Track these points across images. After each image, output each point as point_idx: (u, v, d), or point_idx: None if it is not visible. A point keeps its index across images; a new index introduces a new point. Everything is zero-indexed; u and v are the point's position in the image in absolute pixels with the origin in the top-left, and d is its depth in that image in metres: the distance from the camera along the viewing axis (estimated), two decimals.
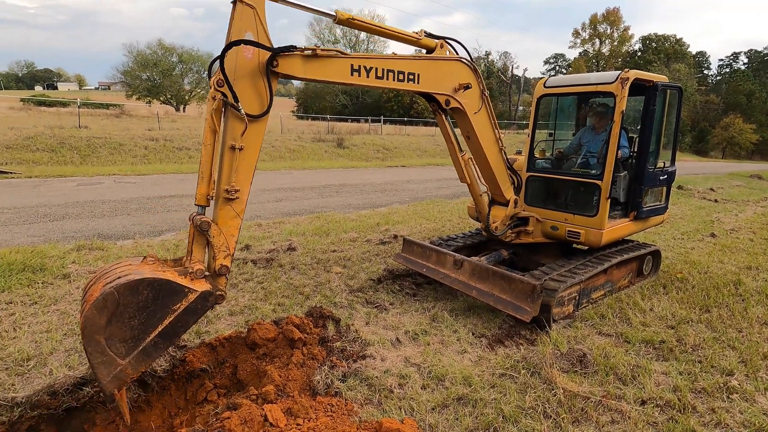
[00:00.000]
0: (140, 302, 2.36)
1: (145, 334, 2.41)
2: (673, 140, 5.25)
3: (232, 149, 2.69)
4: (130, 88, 43.82)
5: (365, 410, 2.79)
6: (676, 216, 9.84)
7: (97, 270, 2.67)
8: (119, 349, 2.34)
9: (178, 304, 2.49)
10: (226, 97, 2.61)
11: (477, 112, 4.19)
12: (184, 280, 2.55)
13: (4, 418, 2.71)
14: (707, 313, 4.38)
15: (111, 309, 2.28)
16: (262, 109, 2.78)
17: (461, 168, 4.49)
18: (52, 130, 16.69)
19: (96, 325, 2.25)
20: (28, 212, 7.69)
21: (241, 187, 2.75)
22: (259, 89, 2.77)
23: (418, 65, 3.65)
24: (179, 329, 2.54)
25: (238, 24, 2.62)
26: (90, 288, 2.45)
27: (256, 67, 2.72)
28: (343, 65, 3.15)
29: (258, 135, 2.81)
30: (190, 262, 2.68)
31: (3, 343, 3.45)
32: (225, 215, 2.74)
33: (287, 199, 10.24)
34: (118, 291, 2.28)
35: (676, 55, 57.85)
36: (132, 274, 2.39)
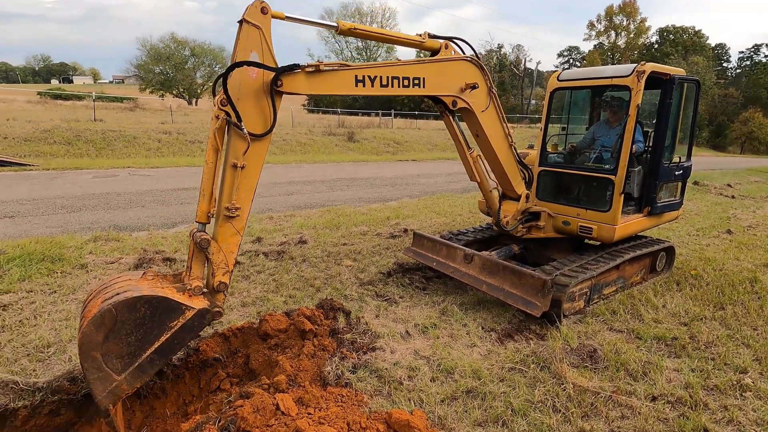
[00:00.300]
0: (138, 319, 2.38)
1: (142, 351, 2.43)
2: (690, 135, 5.16)
3: (234, 167, 2.70)
4: (143, 82, 44.30)
5: (375, 401, 2.82)
6: (692, 212, 9.68)
7: (97, 284, 2.68)
8: (115, 365, 2.36)
9: (175, 321, 2.51)
10: (229, 116, 2.63)
11: (485, 110, 4.15)
12: (181, 297, 2.57)
13: (26, 402, 2.81)
14: (721, 311, 4.32)
15: (108, 326, 2.29)
16: (266, 128, 2.78)
17: (470, 166, 4.46)
18: (68, 123, 16.99)
19: (93, 341, 2.27)
20: (46, 204, 7.87)
21: (241, 204, 2.77)
22: (263, 108, 2.77)
23: (423, 69, 3.61)
24: (175, 346, 2.55)
25: (244, 44, 2.64)
26: (89, 303, 2.47)
27: (261, 86, 2.73)
28: (347, 77, 3.13)
29: (260, 154, 2.81)
30: (189, 279, 2.69)
31: (24, 330, 3.55)
32: (225, 232, 2.75)
33: (298, 193, 10.31)
34: (116, 308, 2.30)
35: (695, 47, 56.45)
36: (130, 290, 2.41)
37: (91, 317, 2.26)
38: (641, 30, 58.09)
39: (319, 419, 2.43)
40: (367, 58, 46.97)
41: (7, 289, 4.18)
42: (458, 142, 4.36)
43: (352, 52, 48.03)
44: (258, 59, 2.69)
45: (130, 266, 4.89)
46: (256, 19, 2.63)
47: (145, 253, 5.22)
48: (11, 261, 4.72)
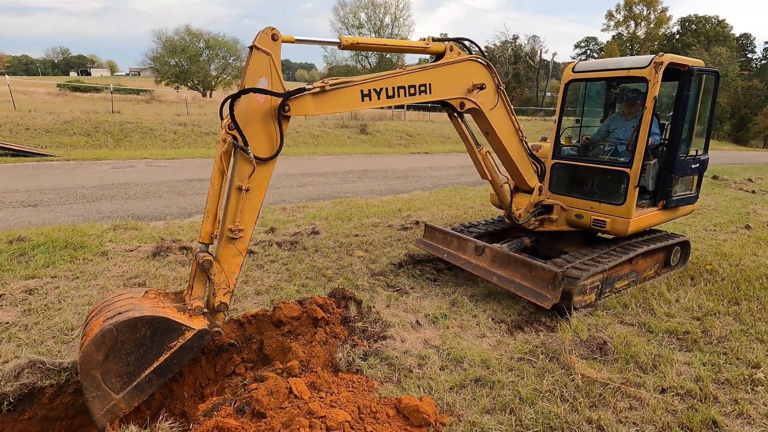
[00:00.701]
0: (138, 339, 2.43)
1: (141, 370, 2.48)
2: (707, 127, 5.06)
3: (239, 190, 2.75)
4: (159, 74, 44.80)
5: (385, 387, 2.88)
6: (710, 207, 9.50)
7: (99, 301, 2.76)
8: (114, 384, 2.41)
9: (175, 342, 2.55)
10: (236, 140, 2.67)
11: (493, 108, 4.12)
12: (182, 317, 2.61)
13: (53, 381, 2.95)
14: (736, 306, 4.28)
15: (109, 345, 2.34)
16: (272, 152, 2.81)
17: (480, 164, 4.46)
18: (87, 114, 17.34)
19: (93, 360, 2.33)
20: (67, 193, 8.10)
21: (245, 226, 2.81)
22: (270, 132, 2.81)
23: (429, 75, 3.59)
24: (174, 366, 2.59)
25: (254, 69, 2.69)
26: (91, 321, 2.53)
27: (268, 111, 2.77)
28: (353, 94, 3.15)
29: (265, 177, 2.85)
30: (190, 298, 2.74)
31: (49, 313, 3.71)
32: (227, 253, 2.80)
33: (310, 184, 10.40)
34: (117, 328, 2.35)
35: (718, 37, 54.68)
36: (132, 310, 2.45)
37: (92, 336, 2.32)
38: (662, 20, 56.43)
39: (331, 403, 2.50)
40: None
41: (33, 274, 4.35)
42: (467, 142, 4.35)
43: None
44: (267, 84, 2.73)
45: (149, 254, 5.03)
46: (266, 46, 2.68)
47: (162, 241, 5.36)
48: (36, 248, 4.90)
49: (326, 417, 2.24)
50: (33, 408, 2.90)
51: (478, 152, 4.40)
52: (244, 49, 47.09)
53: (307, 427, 2.18)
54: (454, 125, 4.26)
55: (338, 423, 2.21)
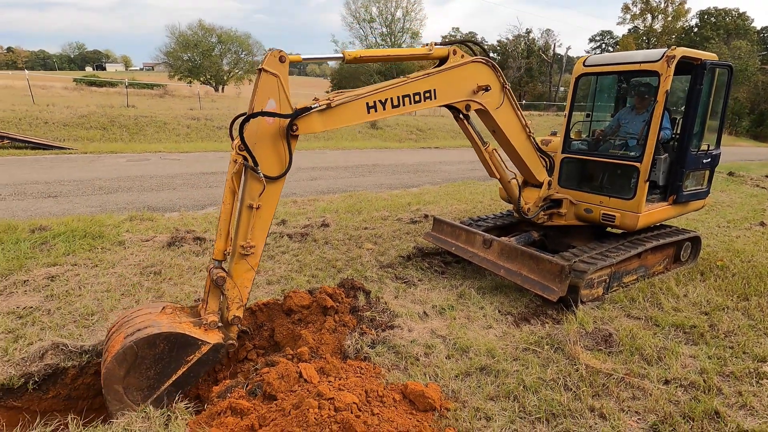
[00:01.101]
0: (157, 354, 2.58)
1: (160, 384, 2.63)
2: (720, 122, 5.01)
3: (249, 208, 2.83)
4: (172, 69, 45.29)
5: (392, 374, 2.96)
6: (724, 203, 9.37)
7: (120, 317, 2.92)
8: (135, 397, 2.57)
9: (192, 356, 2.69)
10: (246, 160, 2.76)
11: (499, 107, 4.14)
12: (198, 332, 2.74)
13: (75, 363, 3.09)
14: (745, 302, 4.26)
15: (130, 361, 2.49)
16: (281, 171, 2.89)
17: (488, 162, 4.48)
18: (103, 109, 17.67)
19: (115, 376, 2.49)
20: (85, 185, 8.32)
21: (256, 243, 2.91)
22: (279, 152, 2.88)
23: (433, 81, 3.60)
24: (191, 379, 2.74)
25: (262, 91, 2.75)
26: (112, 337, 2.68)
27: (277, 131, 2.84)
28: (358, 107, 3.19)
29: (275, 195, 2.94)
30: (205, 313, 2.87)
31: (70, 299, 3.86)
32: (240, 269, 2.91)
33: (321, 178, 10.50)
34: (137, 345, 2.50)
35: (738, 31, 53.26)
36: (150, 326, 2.59)
37: (114, 353, 2.46)
38: (680, 13, 55.14)
39: (339, 386, 2.59)
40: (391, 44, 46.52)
41: (54, 262, 4.51)
42: (474, 142, 4.37)
43: (377, 38, 47.66)
44: (275, 105, 2.80)
45: (164, 244, 5.17)
46: (274, 68, 2.75)
47: (177, 232, 5.50)
48: (57, 237, 5.08)
49: (335, 399, 2.33)
50: (56, 387, 3.05)
51: (485, 150, 4.42)
52: (256, 44, 47.28)
53: (316, 407, 2.27)
54: (461, 127, 4.28)
55: (346, 404, 2.29)
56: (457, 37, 57.62)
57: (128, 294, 4.00)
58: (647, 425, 2.55)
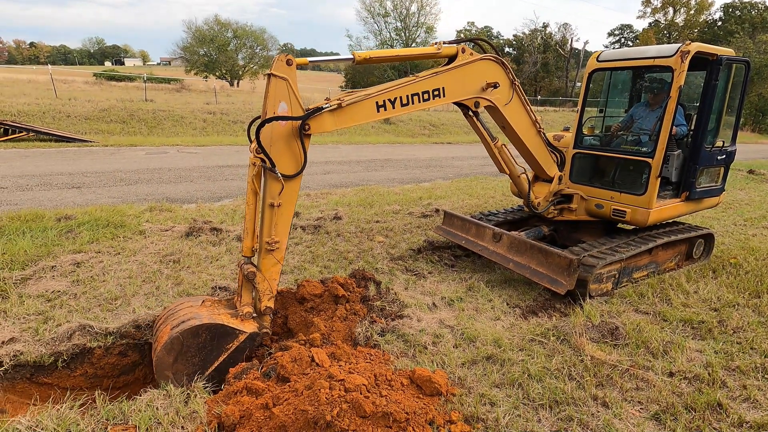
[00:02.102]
0: (200, 343, 2.84)
1: (204, 369, 2.89)
2: (736, 118, 4.96)
3: (271, 206, 3.01)
4: (188, 64, 45.89)
5: (401, 361, 3.07)
6: (742, 201, 9.20)
7: (164, 310, 3.18)
8: (182, 381, 2.82)
9: (231, 344, 2.94)
10: (264, 162, 2.92)
11: (508, 103, 4.17)
12: (235, 322, 2.99)
13: (100, 344, 3.27)
14: (757, 299, 4.24)
15: (177, 350, 2.76)
16: (297, 169, 3.05)
17: (497, 158, 4.52)
18: (122, 103, 18.09)
19: (165, 363, 2.76)
20: (107, 177, 8.59)
21: (280, 238, 3.10)
22: (294, 151, 3.02)
23: (442, 79, 3.65)
24: (231, 365, 2.96)
25: (273, 95, 2.88)
26: (159, 329, 2.93)
27: (290, 132, 2.97)
28: (368, 106, 3.28)
29: (294, 192, 3.10)
30: (240, 305, 3.10)
31: (95, 284, 4.05)
32: (267, 263, 3.12)
33: (334, 172, 10.63)
34: (182, 335, 2.76)
35: (764, 24, 51.54)
36: (193, 318, 2.85)
37: (162, 343, 2.75)
38: (703, 6, 53.58)
39: (350, 370, 2.70)
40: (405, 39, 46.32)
41: (79, 249, 4.72)
42: (483, 138, 4.42)
43: (391, 33, 47.49)
44: (287, 107, 2.93)
45: (182, 234, 5.35)
46: (282, 72, 2.87)
47: (194, 222, 5.67)
48: (81, 225, 5.30)
49: (345, 380, 2.44)
50: (83, 366, 3.23)
51: (494, 146, 4.46)
52: (271, 39, 47.54)
53: (327, 388, 2.38)
54: (470, 124, 4.34)
55: (356, 386, 2.40)
56: (473, 31, 57.04)
57: (149, 281, 4.18)
58: (649, 414, 2.61)
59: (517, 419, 2.52)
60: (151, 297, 3.89)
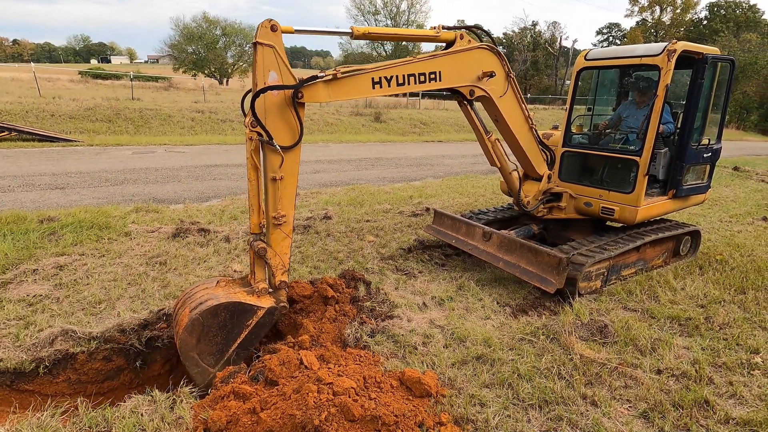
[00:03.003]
0: (220, 322, 2.87)
1: (228, 347, 2.94)
2: (721, 116, 5.01)
3: (273, 180, 2.97)
4: (176, 62, 45.33)
5: (390, 362, 3.04)
6: (727, 198, 9.34)
7: (182, 294, 3.18)
8: (209, 361, 2.89)
9: (250, 320, 2.97)
10: (261, 136, 2.86)
11: (503, 95, 4.17)
12: (252, 299, 3.00)
13: (83, 348, 3.19)
14: (742, 295, 4.30)
15: (198, 330, 2.80)
16: (294, 139, 2.99)
17: (489, 151, 4.52)
18: (108, 101, 17.78)
19: (189, 344, 2.79)
20: (92, 177, 8.43)
21: (286, 212, 3.07)
22: (289, 121, 2.97)
23: (439, 63, 3.64)
24: (253, 340, 3.03)
25: (262, 65, 2.80)
26: (178, 313, 2.96)
27: (283, 101, 2.91)
28: (364, 81, 3.24)
29: (294, 163, 3.05)
30: (255, 282, 3.10)
31: (78, 288, 3.96)
32: (276, 238, 3.10)
33: (324, 171, 10.56)
34: (202, 316, 2.78)
35: (748, 23, 52.44)
36: (211, 298, 2.87)
37: (183, 326, 2.77)
38: (689, 5, 54.32)
39: (338, 372, 2.67)
40: None
41: (62, 251, 4.62)
42: (476, 129, 4.41)
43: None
44: (276, 77, 2.86)
45: (169, 235, 5.26)
46: (268, 39, 2.79)
47: (182, 223, 5.59)
48: (65, 227, 5.18)
49: (333, 384, 2.41)
50: (66, 372, 3.16)
51: (488, 139, 4.46)
52: None
53: (315, 391, 2.35)
54: (464, 112, 4.32)
55: (344, 389, 2.37)
56: None
57: (134, 283, 4.10)
58: (638, 412, 2.62)
59: (506, 420, 2.52)
60: (136, 300, 3.82)
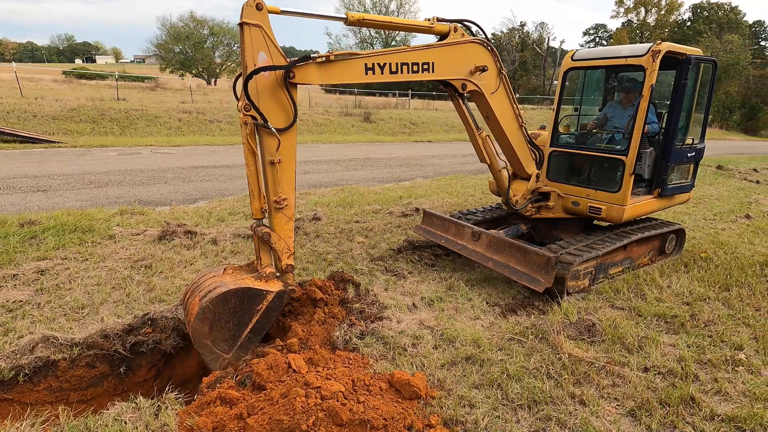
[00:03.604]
0: (231, 309, 2.87)
1: (240, 333, 2.95)
2: (704, 116, 5.09)
3: (271, 164, 2.95)
4: (163, 62, 44.76)
5: (380, 364, 3.02)
6: (712, 196, 9.50)
7: (189, 286, 3.16)
8: (223, 347, 2.92)
9: (260, 305, 2.99)
10: (256, 120, 2.82)
11: (494, 91, 4.18)
12: (260, 284, 3.01)
13: (65, 355, 3.11)
14: (726, 292, 4.37)
15: (210, 318, 2.81)
16: (289, 121, 2.96)
17: (480, 147, 4.53)
18: (93, 102, 17.47)
19: (202, 332, 2.80)
20: (75, 179, 8.27)
21: (287, 195, 3.05)
22: (282, 102, 2.94)
23: (432, 54, 3.64)
24: (265, 324, 3.04)
25: (250, 46, 2.75)
26: (188, 302, 2.96)
27: (275, 82, 2.87)
28: (357, 66, 3.22)
29: (291, 146, 3.02)
30: (262, 267, 3.11)
31: (60, 293, 3.87)
32: (279, 222, 3.09)
33: (313, 172, 10.50)
34: (212, 303, 2.78)
35: (730, 24, 53.54)
36: (219, 286, 2.86)
37: (195, 314, 2.78)
38: (673, 6, 55.23)
39: (327, 376, 2.64)
40: (385, 38, 46.29)
41: (44, 256, 4.51)
42: (468, 124, 4.42)
43: (371, 31, 47.37)
44: (266, 57, 2.81)
45: (155, 238, 5.18)
46: (254, 18, 2.73)
47: (168, 226, 5.50)
48: (46, 231, 5.06)
49: (321, 387, 2.38)
50: (47, 380, 3.07)
51: (478, 135, 4.47)
52: None
53: (303, 396, 2.32)
54: (455, 106, 4.33)
55: (332, 393, 2.34)
56: None
57: (118, 287, 4.02)
58: (625, 411, 2.64)
59: (496, 421, 2.51)
60: (120, 304, 3.74)
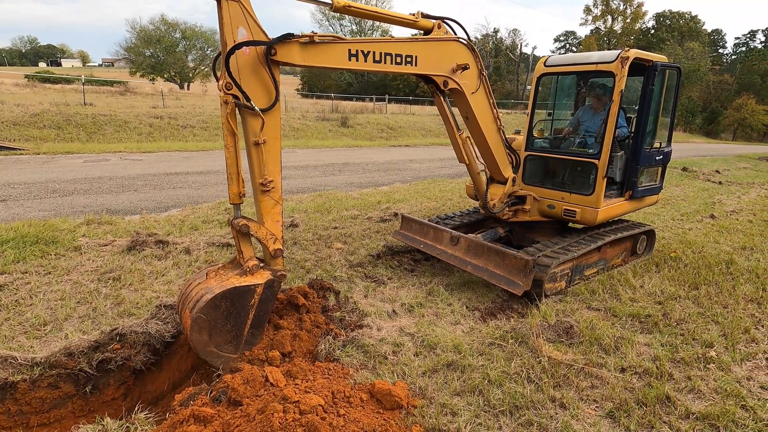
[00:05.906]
0: (224, 312, 2.85)
1: (241, 331, 2.94)
2: (670, 121, 5.28)
3: (256, 145, 2.86)
4: (133, 65, 43.52)
5: (360, 374, 2.96)
6: (678, 197, 9.86)
7: (179, 297, 3.10)
8: (228, 349, 2.92)
9: (252, 300, 2.94)
10: (237, 99, 2.73)
11: (475, 92, 4.22)
12: (246, 279, 2.94)
13: (25, 376, 2.93)
14: (695, 290, 4.51)
15: (205, 327, 2.79)
16: (272, 100, 2.89)
17: (459, 147, 4.55)
18: (57, 107, 16.77)
19: (202, 342, 2.80)
20: (38, 188, 7.88)
21: (273, 177, 2.97)
22: (265, 81, 2.86)
23: (416, 47, 3.66)
24: (263, 316, 3.03)
25: (229, 23, 2.66)
26: (182, 316, 2.95)
27: (256, 59, 2.79)
28: (340, 51, 3.17)
29: (275, 125, 2.94)
30: (244, 261, 3.02)
31: (20, 309, 3.65)
32: (266, 206, 2.99)
33: (290, 177, 10.35)
34: (202, 312, 2.76)
35: (691, 33, 56.20)
36: (206, 293, 2.84)
37: (189, 328, 2.78)
38: (638, 15, 57.60)
39: (306, 389, 2.57)
40: None
41: (2, 270, 4.26)
42: (448, 123, 4.43)
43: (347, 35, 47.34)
44: (246, 33, 2.72)
45: (124, 248, 4.97)
46: None
47: (138, 235, 5.29)
48: (5, 243, 4.79)
49: (300, 402, 2.31)
50: (5, 403, 2.88)
51: (458, 136, 4.49)
52: None
53: (281, 411, 2.24)
54: (437, 104, 4.34)
55: (311, 407, 2.27)
56: None
57: (84, 302, 3.82)
58: (604, 413, 2.67)
59: (478, 428, 2.49)
60: (86, 320, 3.56)
